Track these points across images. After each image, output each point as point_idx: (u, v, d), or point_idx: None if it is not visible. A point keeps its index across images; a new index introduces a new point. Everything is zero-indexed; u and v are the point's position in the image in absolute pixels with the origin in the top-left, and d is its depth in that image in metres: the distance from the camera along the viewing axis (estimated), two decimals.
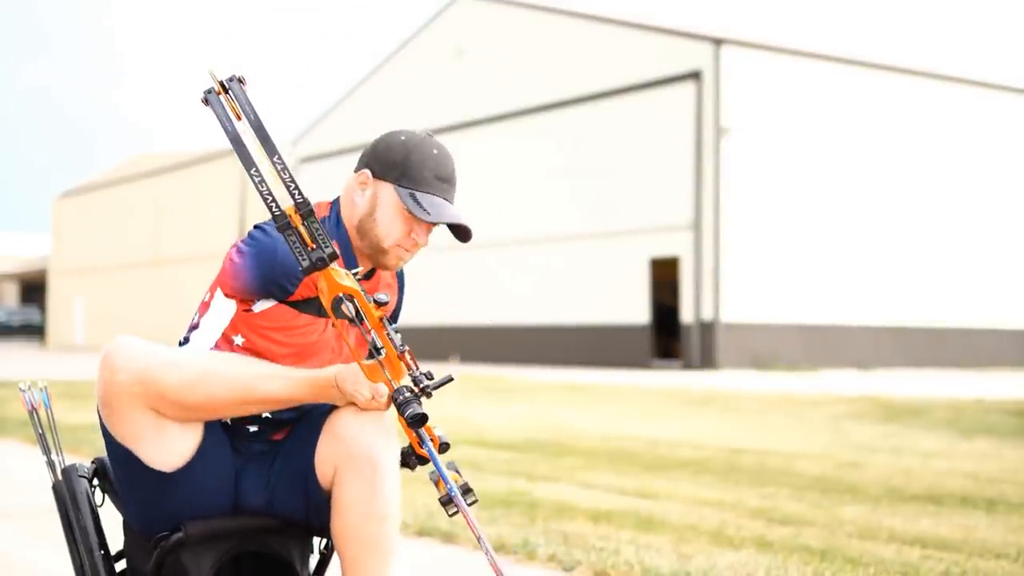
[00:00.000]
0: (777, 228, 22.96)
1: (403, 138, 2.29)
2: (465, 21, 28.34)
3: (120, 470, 2.20)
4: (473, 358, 26.12)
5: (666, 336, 23.30)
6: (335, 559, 2.42)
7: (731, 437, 8.94)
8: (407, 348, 2.10)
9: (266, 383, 2.11)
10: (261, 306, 2.21)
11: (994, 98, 26.77)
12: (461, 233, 2.33)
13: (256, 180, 2.08)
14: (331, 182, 31.79)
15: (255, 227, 2.23)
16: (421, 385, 2.07)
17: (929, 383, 17.35)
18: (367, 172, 2.27)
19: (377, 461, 2.12)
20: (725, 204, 22.25)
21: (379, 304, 2.11)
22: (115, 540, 2.34)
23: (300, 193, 2.09)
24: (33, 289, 57.62)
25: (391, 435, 2.17)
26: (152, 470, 2.13)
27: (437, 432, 2.17)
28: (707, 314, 22.30)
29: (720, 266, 22.17)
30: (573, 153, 24.82)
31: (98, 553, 2.24)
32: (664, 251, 23.10)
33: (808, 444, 8.47)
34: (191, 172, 37.30)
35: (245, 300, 2.21)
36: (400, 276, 2.48)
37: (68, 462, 2.35)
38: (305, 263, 2.06)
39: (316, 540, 2.40)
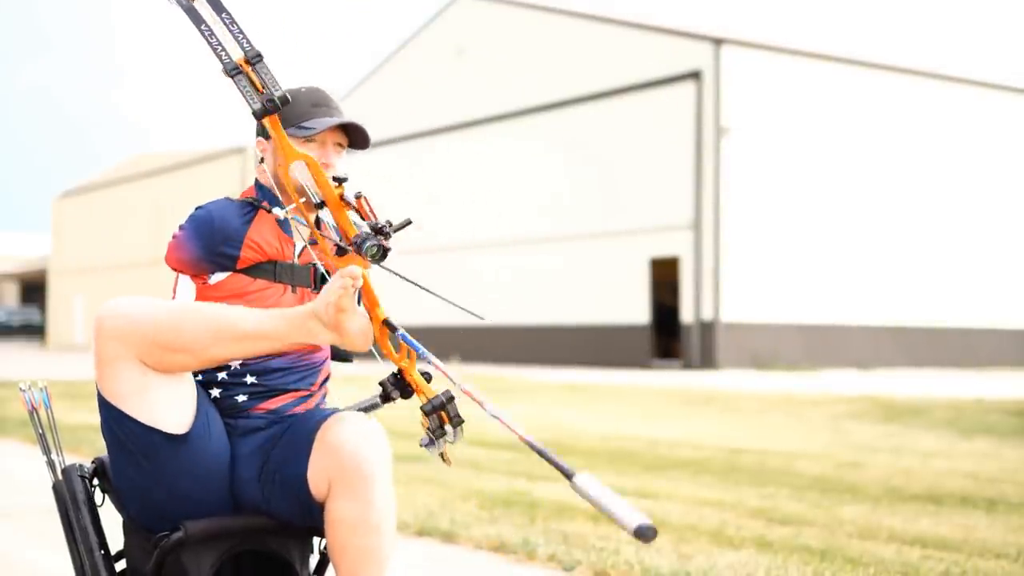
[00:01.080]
0: (777, 228, 22.96)
1: None
2: (465, 21, 28.34)
3: (115, 446, 2.18)
4: (473, 358, 26.11)
5: (666, 336, 23.30)
6: None
7: (731, 437, 8.94)
8: (362, 195, 2.14)
9: (244, 320, 2.10)
10: (216, 278, 2.29)
11: (994, 98, 26.77)
12: (357, 138, 2.43)
13: (206, 34, 2.13)
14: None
15: (195, 208, 2.34)
16: (382, 228, 2.10)
17: (929, 383, 17.34)
18: (260, 139, 2.42)
19: (369, 472, 2.10)
20: (725, 204, 22.25)
21: (339, 182, 2.14)
22: (115, 540, 2.34)
23: (248, 42, 2.14)
24: (33, 289, 57.62)
25: (383, 445, 2.16)
26: (146, 437, 2.11)
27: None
28: (707, 314, 22.31)
29: (720, 266, 22.17)
30: (573, 153, 24.82)
31: (98, 553, 2.24)
32: (664, 251, 23.10)
33: (808, 444, 8.47)
34: (191, 172, 37.32)
35: (198, 274, 2.29)
36: None
37: (68, 462, 2.35)
38: (256, 106, 2.12)
39: (316, 540, 2.40)
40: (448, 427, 2.14)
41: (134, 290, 39.15)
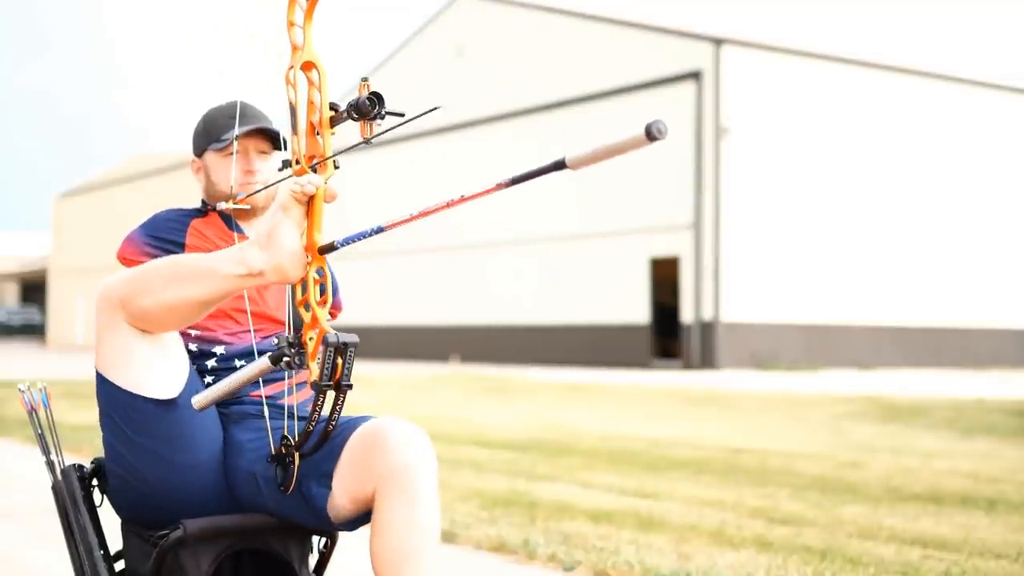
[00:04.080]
0: (777, 228, 22.96)
1: (201, 116, 2.57)
2: (465, 21, 28.34)
3: (107, 425, 2.19)
4: (473, 358, 26.12)
5: (666, 336, 23.30)
6: (335, 558, 2.42)
7: (731, 437, 8.94)
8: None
9: (189, 258, 2.11)
10: None
11: (994, 98, 26.77)
12: (275, 139, 2.49)
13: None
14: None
15: None
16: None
17: (929, 383, 17.34)
18: (192, 159, 2.57)
19: (423, 472, 2.08)
20: (725, 204, 22.25)
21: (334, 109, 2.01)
22: (115, 540, 2.34)
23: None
24: (33, 289, 57.65)
25: (430, 446, 2.14)
26: (131, 405, 2.12)
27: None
28: (707, 314, 22.30)
29: (720, 266, 22.17)
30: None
31: (98, 553, 2.24)
32: (664, 251, 23.10)
33: (808, 444, 8.47)
34: (191, 172, 37.37)
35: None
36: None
37: (68, 462, 2.35)
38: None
39: (316, 539, 2.40)
40: (322, 369, 1.90)
41: None
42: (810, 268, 23.33)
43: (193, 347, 2.34)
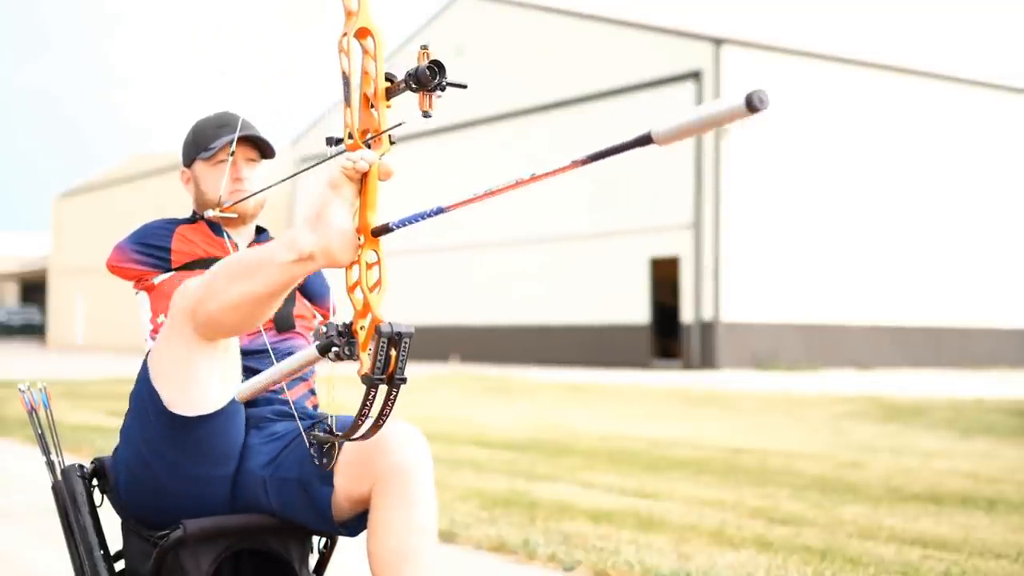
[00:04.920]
0: (777, 228, 22.96)
1: (190, 128, 2.60)
2: (465, 21, 28.34)
3: (139, 419, 2.17)
4: (473, 358, 26.11)
5: (666, 336, 23.30)
6: (335, 558, 2.42)
7: (731, 437, 8.94)
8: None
9: (244, 252, 2.07)
10: (160, 278, 2.41)
11: (994, 98, 26.77)
12: (266, 149, 2.53)
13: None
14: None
15: None
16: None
17: (929, 383, 17.35)
18: (181, 170, 2.61)
19: (419, 472, 2.08)
20: (725, 204, 22.25)
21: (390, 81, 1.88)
22: (115, 540, 2.34)
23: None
24: (33, 289, 57.64)
25: (425, 445, 2.14)
26: (170, 424, 2.11)
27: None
28: (707, 314, 22.31)
29: (720, 266, 22.17)
30: (573, 153, 24.72)
31: (98, 553, 2.24)
32: (664, 251, 23.10)
33: (808, 444, 8.47)
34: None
35: (138, 276, 2.43)
36: None
37: (68, 462, 2.35)
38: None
39: (316, 539, 2.40)
40: (374, 361, 1.71)
41: (133, 291, 39.11)
42: (810, 268, 23.33)
43: None
